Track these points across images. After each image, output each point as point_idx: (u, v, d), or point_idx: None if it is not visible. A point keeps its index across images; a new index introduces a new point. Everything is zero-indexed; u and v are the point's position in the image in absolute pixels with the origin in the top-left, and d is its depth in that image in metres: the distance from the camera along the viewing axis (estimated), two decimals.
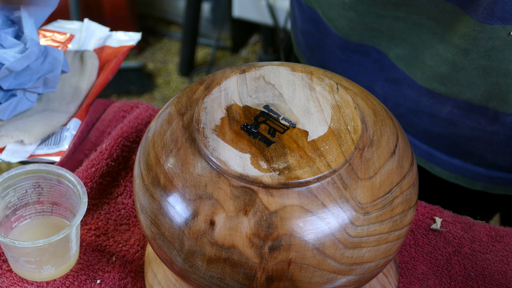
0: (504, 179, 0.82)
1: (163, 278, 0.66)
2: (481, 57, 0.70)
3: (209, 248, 0.53)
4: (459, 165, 0.83)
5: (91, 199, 0.74)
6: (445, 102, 0.76)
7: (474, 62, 0.71)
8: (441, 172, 0.84)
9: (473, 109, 0.75)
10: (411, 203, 0.57)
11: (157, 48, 2.36)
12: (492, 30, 0.67)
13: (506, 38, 0.67)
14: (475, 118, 0.76)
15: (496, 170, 0.81)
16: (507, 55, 0.69)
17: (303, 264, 0.52)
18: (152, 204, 0.56)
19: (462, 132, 0.78)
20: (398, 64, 0.78)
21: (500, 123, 0.75)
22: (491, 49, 0.69)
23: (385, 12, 0.74)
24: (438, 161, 0.84)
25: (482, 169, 0.82)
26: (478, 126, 0.77)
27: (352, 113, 0.56)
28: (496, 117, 0.75)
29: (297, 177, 0.52)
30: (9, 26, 0.80)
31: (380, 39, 0.78)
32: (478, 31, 0.68)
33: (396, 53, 0.77)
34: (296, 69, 0.60)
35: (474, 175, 0.83)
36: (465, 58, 0.71)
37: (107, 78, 0.86)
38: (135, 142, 0.80)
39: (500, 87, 0.72)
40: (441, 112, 0.78)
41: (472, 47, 0.70)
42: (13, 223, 0.69)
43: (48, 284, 0.67)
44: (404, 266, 0.70)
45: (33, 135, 0.78)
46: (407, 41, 0.75)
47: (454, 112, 0.77)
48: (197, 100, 0.59)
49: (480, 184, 0.83)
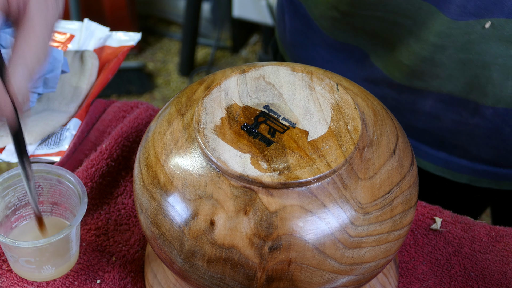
0: (489, 172, 0.83)
1: (163, 278, 0.66)
2: (458, 51, 0.71)
3: (209, 248, 0.53)
4: (444, 158, 0.83)
5: (91, 199, 0.74)
6: (427, 96, 0.77)
7: (452, 56, 0.72)
8: (427, 166, 0.85)
9: (454, 101, 0.76)
10: (411, 203, 0.57)
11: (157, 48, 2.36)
12: (466, 26, 0.69)
13: (481, 31, 0.68)
14: (457, 111, 0.77)
15: (480, 163, 0.82)
16: (484, 47, 0.70)
17: (303, 264, 0.52)
18: (152, 204, 0.56)
19: (445, 126, 0.79)
20: (377, 64, 0.79)
21: (480, 116, 0.76)
22: (468, 43, 0.70)
23: (366, 12, 0.75)
24: (424, 155, 0.85)
25: (467, 162, 0.83)
26: (460, 119, 0.78)
27: (352, 113, 0.56)
28: (476, 109, 0.76)
29: (297, 177, 0.52)
30: (9, 26, 0.80)
31: (364, 39, 0.79)
32: (452, 28, 0.69)
33: (377, 53, 0.79)
34: (296, 69, 0.60)
35: (459, 168, 0.84)
36: (443, 54, 0.72)
37: (107, 78, 0.86)
38: (135, 142, 0.80)
39: (479, 80, 0.73)
40: (423, 106, 0.79)
41: (449, 43, 0.71)
42: (13, 223, 0.69)
43: (48, 284, 0.67)
44: (404, 266, 0.70)
45: (33, 135, 0.78)
46: (386, 40, 0.76)
47: (436, 105, 0.78)
48: (197, 100, 0.59)
49: (466, 177, 0.84)
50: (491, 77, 0.72)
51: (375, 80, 0.80)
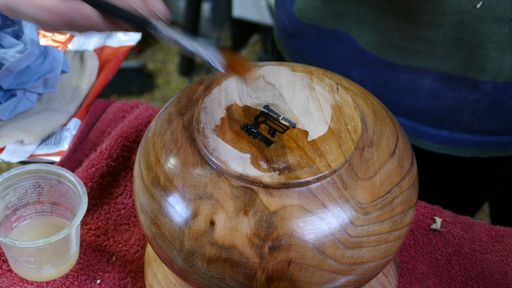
0: (493, 142, 0.83)
1: (163, 278, 0.66)
2: (452, 30, 0.72)
3: (209, 248, 0.53)
4: (446, 136, 0.84)
5: (91, 199, 0.74)
6: (425, 76, 0.78)
7: (446, 35, 0.72)
8: (429, 145, 0.85)
9: (452, 79, 0.77)
10: (411, 203, 0.57)
11: (157, 48, 2.36)
12: (458, 3, 0.69)
13: (473, 11, 0.69)
14: (456, 88, 0.78)
15: (483, 135, 0.83)
16: (476, 27, 0.70)
17: (303, 264, 0.52)
18: (152, 204, 0.56)
19: (445, 104, 0.80)
20: (368, 49, 0.79)
21: (480, 91, 0.77)
22: (461, 22, 0.71)
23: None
24: (425, 135, 0.85)
25: (470, 136, 0.83)
26: (460, 96, 0.78)
27: (352, 113, 0.56)
28: (476, 85, 0.76)
29: (297, 177, 0.52)
30: (9, 26, 0.80)
31: (350, 25, 0.79)
32: (444, 5, 0.69)
33: (365, 38, 0.79)
34: (296, 69, 0.60)
35: (462, 143, 0.84)
36: (438, 32, 0.72)
37: (107, 78, 0.86)
38: (135, 142, 0.80)
39: (475, 58, 0.73)
40: (422, 86, 0.79)
41: (443, 21, 0.71)
42: (13, 223, 0.69)
43: (48, 284, 0.67)
44: (404, 266, 0.70)
45: (33, 135, 0.78)
46: (373, 25, 0.77)
47: (434, 84, 0.78)
48: (197, 100, 0.59)
49: (470, 150, 0.84)
50: (487, 54, 0.73)
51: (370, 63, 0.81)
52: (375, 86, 0.82)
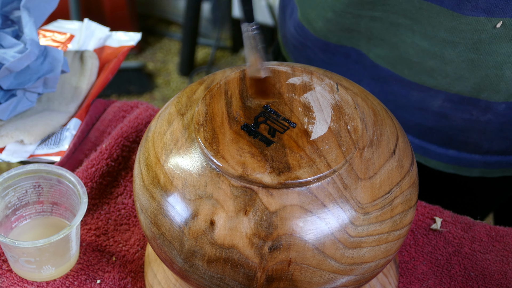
0: (501, 162, 0.83)
1: (163, 278, 0.66)
2: (469, 50, 0.71)
3: (209, 248, 0.53)
4: (454, 156, 0.83)
5: (91, 199, 0.74)
6: (436, 96, 0.77)
7: (462, 55, 0.72)
8: (437, 164, 0.85)
9: (464, 101, 0.76)
10: (411, 203, 0.57)
11: (157, 48, 2.36)
12: (477, 22, 0.68)
13: (492, 31, 0.68)
14: (467, 109, 0.77)
15: (492, 155, 0.82)
16: (494, 48, 0.70)
17: (303, 264, 0.52)
18: (152, 204, 0.56)
19: (454, 124, 0.79)
20: (381, 64, 0.79)
21: (492, 112, 0.76)
22: (478, 42, 0.70)
23: (362, 12, 0.75)
24: (433, 154, 0.84)
25: (478, 156, 0.82)
26: (471, 117, 0.77)
27: (352, 113, 0.56)
28: (488, 107, 0.76)
29: (297, 177, 0.52)
30: (9, 26, 0.80)
31: (358, 40, 0.79)
32: (462, 23, 0.69)
33: (376, 53, 0.78)
34: (296, 69, 0.60)
35: (470, 163, 0.83)
36: (453, 50, 0.72)
37: (107, 78, 0.86)
38: (135, 142, 0.80)
39: (490, 79, 0.73)
40: (432, 106, 0.78)
41: (459, 39, 0.70)
42: (13, 223, 0.69)
43: (48, 284, 0.67)
44: (404, 266, 0.70)
45: (33, 135, 0.78)
46: (385, 40, 0.76)
47: (445, 105, 0.77)
48: (197, 100, 0.59)
49: (478, 170, 0.84)
50: (503, 75, 0.72)
51: (383, 78, 0.80)
52: (385, 101, 0.81)
